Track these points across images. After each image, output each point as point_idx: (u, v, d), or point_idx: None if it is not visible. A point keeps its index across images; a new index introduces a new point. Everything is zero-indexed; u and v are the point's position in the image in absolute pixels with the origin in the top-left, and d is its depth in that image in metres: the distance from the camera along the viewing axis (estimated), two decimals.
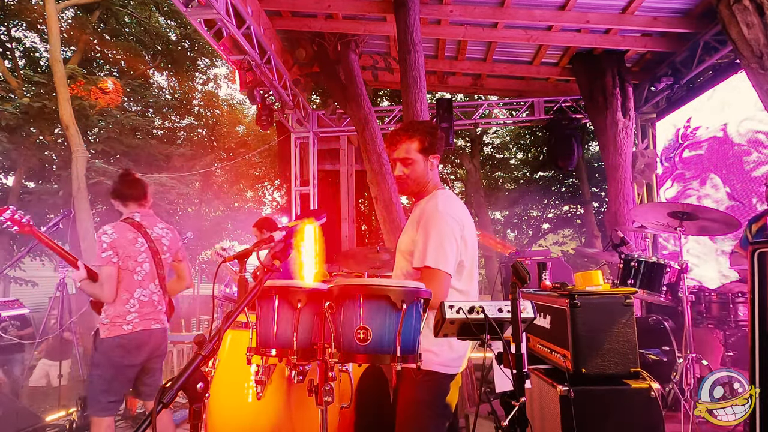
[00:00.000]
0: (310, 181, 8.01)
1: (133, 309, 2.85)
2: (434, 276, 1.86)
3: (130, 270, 2.86)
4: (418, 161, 2.05)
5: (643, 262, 3.64)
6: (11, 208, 2.99)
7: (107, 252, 2.80)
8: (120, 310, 2.83)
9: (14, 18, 12.49)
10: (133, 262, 2.87)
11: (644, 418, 2.15)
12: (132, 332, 2.83)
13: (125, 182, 3.05)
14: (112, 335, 2.81)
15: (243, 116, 18.24)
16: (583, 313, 2.28)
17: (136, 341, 2.84)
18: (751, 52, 3.30)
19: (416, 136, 2.04)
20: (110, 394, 2.82)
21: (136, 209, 3.02)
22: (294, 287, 1.71)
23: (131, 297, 2.86)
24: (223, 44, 5.36)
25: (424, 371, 1.89)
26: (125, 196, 3.02)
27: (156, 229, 3.04)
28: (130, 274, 2.86)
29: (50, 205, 11.58)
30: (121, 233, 2.86)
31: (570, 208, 18.48)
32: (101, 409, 2.82)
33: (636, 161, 6.96)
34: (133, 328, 2.84)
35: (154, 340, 2.93)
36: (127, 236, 2.88)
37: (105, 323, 2.83)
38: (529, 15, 5.89)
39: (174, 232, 3.19)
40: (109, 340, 2.81)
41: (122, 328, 2.81)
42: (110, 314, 2.84)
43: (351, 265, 4.79)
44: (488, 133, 17.77)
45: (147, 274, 2.93)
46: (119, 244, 2.83)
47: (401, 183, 2.10)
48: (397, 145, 2.06)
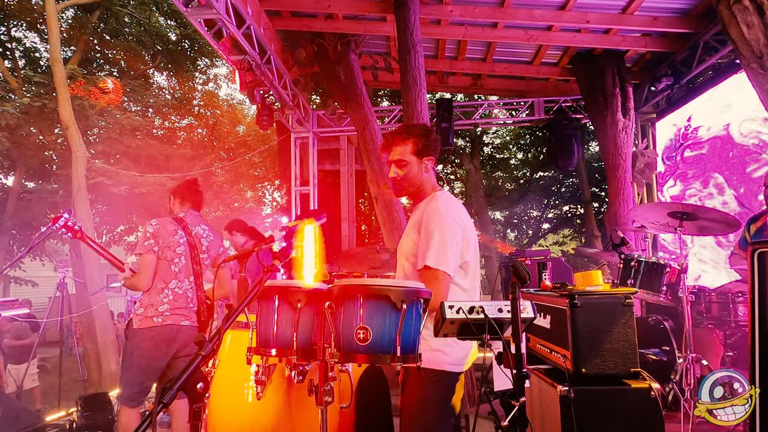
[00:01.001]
0: (310, 181, 8.01)
1: (167, 299, 2.93)
2: (434, 276, 1.87)
3: (167, 260, 2.96)
4: (413, 163, 2.08)
5: (643, 262, 3.63)
6: (65, 215, 3.11)
7: (149, 240, 2.93)
8: (154, 299, 2.91)
9: (14, 18, 12.48)
10: (172, 252, 2.98)
11: (644, 418, 2.15)
12: (161, 325, 2.89)
13: (191, 187, 3.26)
14: (143, 327, 2.88)
15: (243, 116, 18.23)
16: (583, 313, 2.28)
17: (165, 335, 2.91)
18: (751, 52, 3.29)
19: (410, 139, 2.08)
20: (135, 386, 2.90)
21: (187, 210, 3.20)
22: (294, 287, 1.71)
23: (166, 287, 2.95)
24: (223, 44, 5.36)
25: (435, 371, 1.90)
26: (185, 197, 3.22)
27: (198, 228, 3.17)
28: (167, 264, 2.97)
29: (50, 205, 11.57)
30: (163, 225, 3.02)
31: (570, 208, 18.49)
32: (127, 398, 2.91)
33: (636, 161, 6.95)
34: (163, 321, 2.90)
35: (183, 336, 2.98)
36: (168, 228, 3.02)
37: (138, 313, 2.91)
38: (529, 15, 5.89)
39: (217, 236, 3.29)
40: (140, 332, 2.88)
41: (153, 320, 2.88)
42: (144, 303, 2.92)
43: (351, 265, 4.80)
44: (488, 133, 17.77)
45: (183, 266, 3.03)
46: (160, 234, 2.97)
47: (396, 185, 2.14)
48: (392, 148, 2.10)
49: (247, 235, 4.53)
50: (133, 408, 2.93)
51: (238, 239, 4.53)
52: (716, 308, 3.81)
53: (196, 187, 3.30)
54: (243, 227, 4.56)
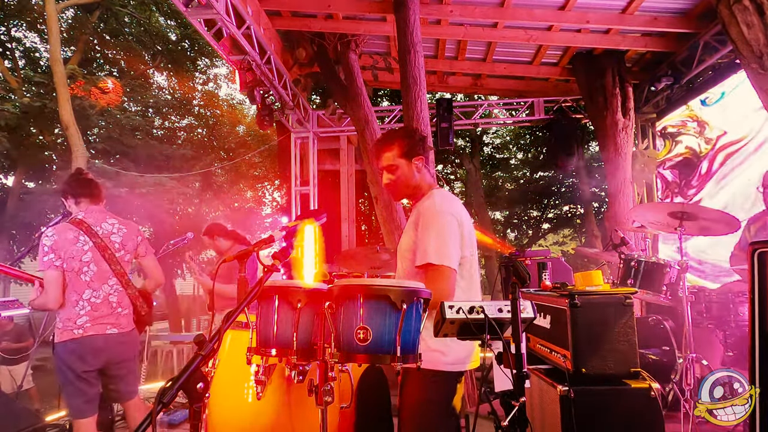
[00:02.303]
0: (310, 181, 8.01)
1: (84, 311, 2.73)
2: (439, 272, 1.87)
3: (75, 271, 2.74)
4: (402, 166, 2.12)
5: (643, 262, 3.63)
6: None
7: (49, 255, 2.68)
8: (70, 313, 2.72)
9: (14, 18, 12.49)
10: (77, 262, 2.75)
11: (644, 418, 2.15)
12: (83, 337, 2.70)
13: (79, 179, 2.98)
14: (63, 340, 2.71)
15: (243, 116, 18.21)
16: (583, 313, 2.28)
17: (89, 346, 2.72)
18: (751, 52, 3.29)
19: (395, 143, 2.12)
20: (79, 397, 2.74)
21: (86, 207, 2.92)
22: (294, 287, 1.71)
23: (80, 299, 2.74)
24: (223, 44, 5.36)
25: (433, 371, 1.90)
26: (78, 193, 2.93)
27: (105, 225, 2.89)
28: (76, 275, 2.74)
29: (50, 205, 11.57)
30: (61, 234, 2.75)
31: (570, 208, 18.47)
32: (78, 411, 2.75)
33: (636, 161, 6.95)
34: (84, 332, 2.71)
35: (111, 346, 2.80)
36: (68, 236, 2.75)
37: (58, 328, 2.74)
38: (529, 15, 5.89)
39: (130, 226, 3.03)
40: (61, 345, 2.71)
41: (73, 332, 2.70)
42: (62, 318, 2.74)
43: (351, 265, 4.80)
44: (488, 133, 17.77)
45: (96, 273, 2.79)
46: (60, 246, 2.71)
47: (391, 190, 2.18)
48: (380, 156, 2.15)
49: (231, 239, 4.43)
50: (86, 418, 2.75)
51: (222, 243, 4.41)
52: (716, 308, 3.82)
53: (85, 177, 2.98)
54: (224, 231, 4.46)
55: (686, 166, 6.84)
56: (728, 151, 6.01)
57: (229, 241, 4.41)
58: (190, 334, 7.58)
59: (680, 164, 6.98)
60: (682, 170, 6.93)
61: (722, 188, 6.07)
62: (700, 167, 6.50)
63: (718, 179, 6.14)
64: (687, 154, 6.83)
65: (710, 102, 6.39)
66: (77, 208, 2.93)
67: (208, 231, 4.46)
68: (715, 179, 6.22)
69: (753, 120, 5.53)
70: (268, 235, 1.84)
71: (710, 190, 6.31)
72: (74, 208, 2.95)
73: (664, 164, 7.26)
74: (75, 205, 2.94)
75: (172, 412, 4.37)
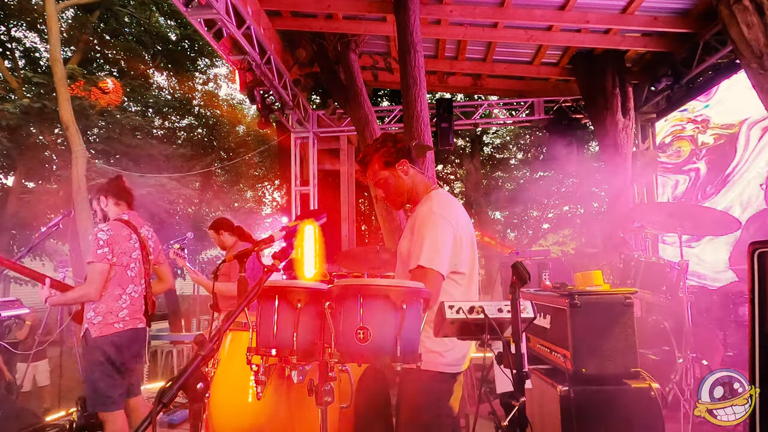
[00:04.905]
0: (310, 181, 8.01)
1: (125, 305, 2.87)
2: (426, 276, 1.86)
3: (124, 266, 2.89)
4: (388, 176, 2.11)
5: (643, 262, 3.63)
6: None
7: (103, 249, 2.81)
8: (112, 306, 2.83)
9: (14, 18, 12.49)
10: (128, 258, 2.92)
11: (644, 418, 2.15)
12: (123, 330, 2.84)
13: (120, 184, 3.12)
14: (106, 333, 2.79)
15: (243, 116, 18.21)
16: (583, 313, 2.28)
17: (126, 340, 2.86)
18: (751, 52, 3.29)
19: (372, 158, 2.12)
20: (116, 388, 2.84)
21: (126, 210, 3.08)
22: (294, 287, 1.71)
23: (123, 293, 2.88)
24: (223, 44, 5.36)
25: (431, 372, 1.90)
26: (119, 196, 3.08)
27: (143, 230, 3.10)
28: (123, 270, 2.90)
29: (50, 205, 11.58)
30: (116, 230, 2.91)
31: (570, 208, 18.47)
32: (112, 403, 2.83)
33: (636, 161, 6.95)
34: (125, 326, 2.85)
35: (138, 340, 2.95)
36: (122, 233, 2.92)
37: (96, 322, 2.80)
38: (529, 15, 5.89)
39: (155, 236, 3.25)
40: (103, 339, 2.79)
41: (114, 326, 2.82)
42: (101, 311, 2.81)
43: (351, 265, 4.79)
44: (488, 133, 17.75)
45: (138, 271, 2.98)
46: (115, 241, 2.86)
47: (388, 202, 2.19)
48: (366, 173, 2.15)
49: (236, 235, 4.42)
50: (119, 410, 2.85)
51: (227, 239, 4.40)
52: (716, 308, 3.81)
53: (125, 183, 3.15)
54: (230, 226, 4.45)
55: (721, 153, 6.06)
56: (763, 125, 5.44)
57: (233, 237, 4.40)
58: (190, 334, 7.57)
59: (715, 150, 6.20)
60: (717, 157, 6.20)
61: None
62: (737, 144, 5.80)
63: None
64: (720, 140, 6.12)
65: None
66: (116, 209, 3.06)
67: (214, 225, 4.47)
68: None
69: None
70: (268, 235, 1.84)
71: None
72: (113, 209, 3.06)
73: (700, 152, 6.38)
74: (115, 206, 3.06)
75: (172, 412, 4.37)
